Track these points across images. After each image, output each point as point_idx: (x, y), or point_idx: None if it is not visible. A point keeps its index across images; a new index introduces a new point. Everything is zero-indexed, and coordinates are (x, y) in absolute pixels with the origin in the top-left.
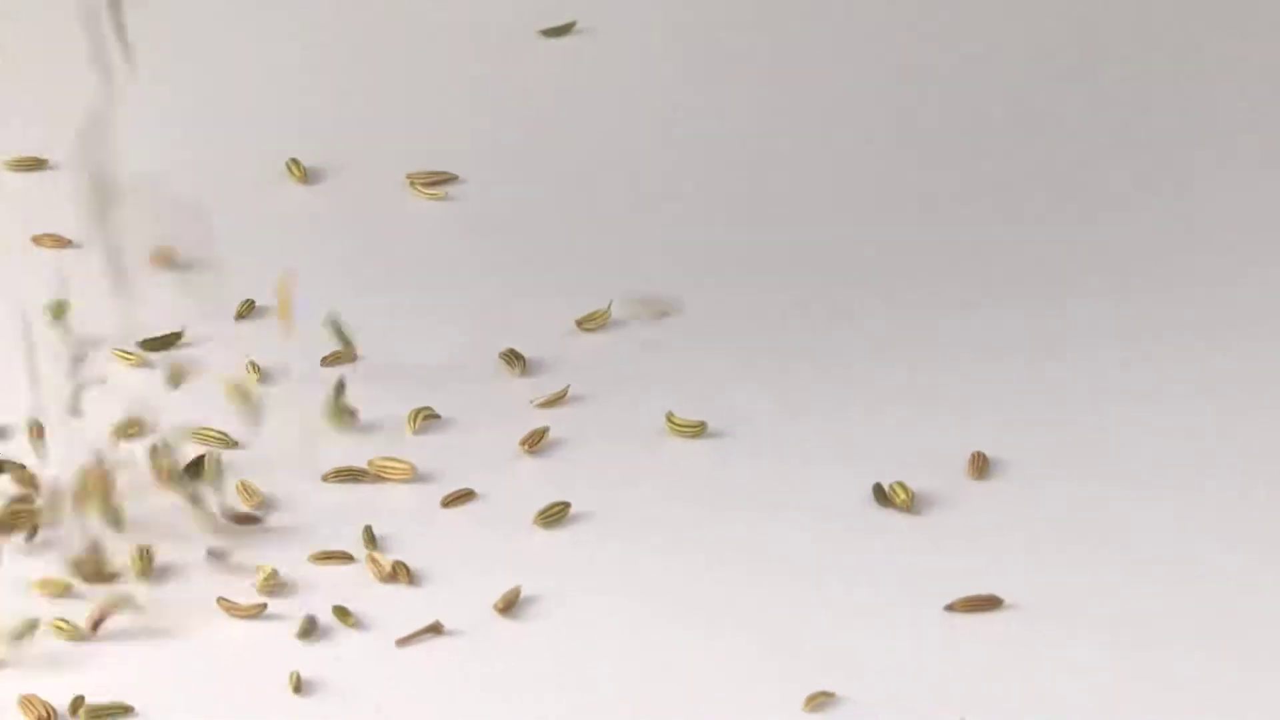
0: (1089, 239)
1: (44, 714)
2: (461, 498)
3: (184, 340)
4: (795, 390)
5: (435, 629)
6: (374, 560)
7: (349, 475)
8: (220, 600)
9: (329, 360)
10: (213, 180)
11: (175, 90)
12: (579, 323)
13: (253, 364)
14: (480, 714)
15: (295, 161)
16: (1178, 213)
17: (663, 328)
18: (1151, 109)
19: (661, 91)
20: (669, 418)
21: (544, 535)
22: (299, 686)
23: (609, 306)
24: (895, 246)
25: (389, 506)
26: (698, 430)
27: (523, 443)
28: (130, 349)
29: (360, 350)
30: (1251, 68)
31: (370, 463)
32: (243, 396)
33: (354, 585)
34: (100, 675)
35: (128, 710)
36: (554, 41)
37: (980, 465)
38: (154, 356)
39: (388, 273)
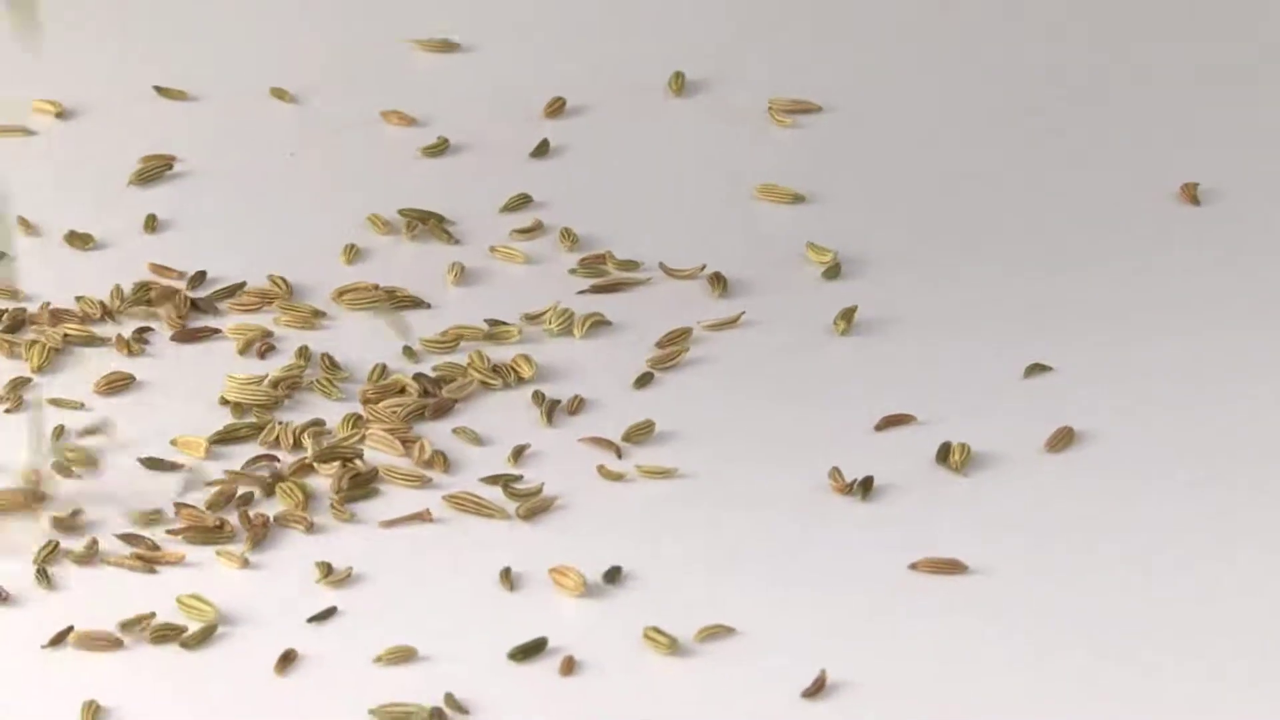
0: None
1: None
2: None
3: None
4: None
5: (423, 516)
6: (422, 448)
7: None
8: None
9: None
10: (600, 85)
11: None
12: (813, 261)
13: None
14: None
15: (679, 75)
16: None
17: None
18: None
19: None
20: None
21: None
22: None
23: (835, 254)
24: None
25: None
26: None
27: (651, 360)
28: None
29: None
30: None
31: (516, 357)
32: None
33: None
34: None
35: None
36: None
37: (1058, 440)
38: None
39: (697, 187)
